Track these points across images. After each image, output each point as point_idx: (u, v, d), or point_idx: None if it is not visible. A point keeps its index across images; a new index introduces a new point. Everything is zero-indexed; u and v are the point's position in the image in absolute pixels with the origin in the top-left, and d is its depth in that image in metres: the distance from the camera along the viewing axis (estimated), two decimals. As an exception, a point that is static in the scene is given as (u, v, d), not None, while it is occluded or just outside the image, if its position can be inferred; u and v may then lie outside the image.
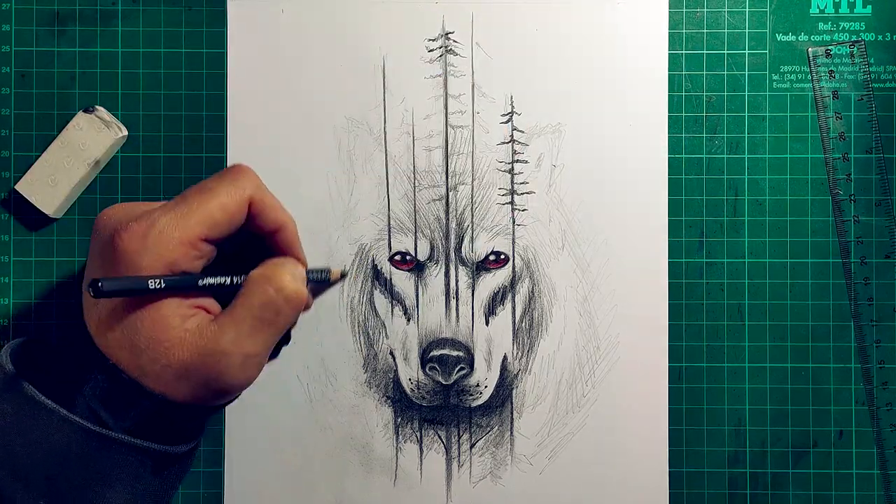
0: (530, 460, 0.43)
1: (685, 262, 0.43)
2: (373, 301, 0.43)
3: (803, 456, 0.43)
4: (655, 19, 0.43)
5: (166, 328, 0.32)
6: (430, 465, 0.43)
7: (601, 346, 0.43)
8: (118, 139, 0.42)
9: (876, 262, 0.43)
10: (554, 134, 0.43)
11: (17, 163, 0.43)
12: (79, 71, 0.43)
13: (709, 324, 0.43)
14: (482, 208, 0.43)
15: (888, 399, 0.43)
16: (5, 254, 0.43)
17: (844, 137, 0.43)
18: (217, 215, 0.33)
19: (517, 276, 0.43)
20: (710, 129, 0.43)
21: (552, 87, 0.43)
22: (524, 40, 0.43)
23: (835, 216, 0.43)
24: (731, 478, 0.43)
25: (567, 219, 0.43)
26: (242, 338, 0.32)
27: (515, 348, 0.43)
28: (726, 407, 0.43)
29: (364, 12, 0.43)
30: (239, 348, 0.32)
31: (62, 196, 0.42)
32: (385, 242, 0.43)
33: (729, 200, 0.43)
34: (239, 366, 0.33)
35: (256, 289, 0.33)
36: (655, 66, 0.43)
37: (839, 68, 0.43)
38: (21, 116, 0.43)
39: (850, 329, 0.43)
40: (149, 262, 0.31)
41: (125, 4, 0.43)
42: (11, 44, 0.43)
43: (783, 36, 0.44)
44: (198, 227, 0.32)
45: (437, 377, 0.43)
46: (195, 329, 0.32)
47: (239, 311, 0.33)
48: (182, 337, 0.32)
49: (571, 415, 0.43)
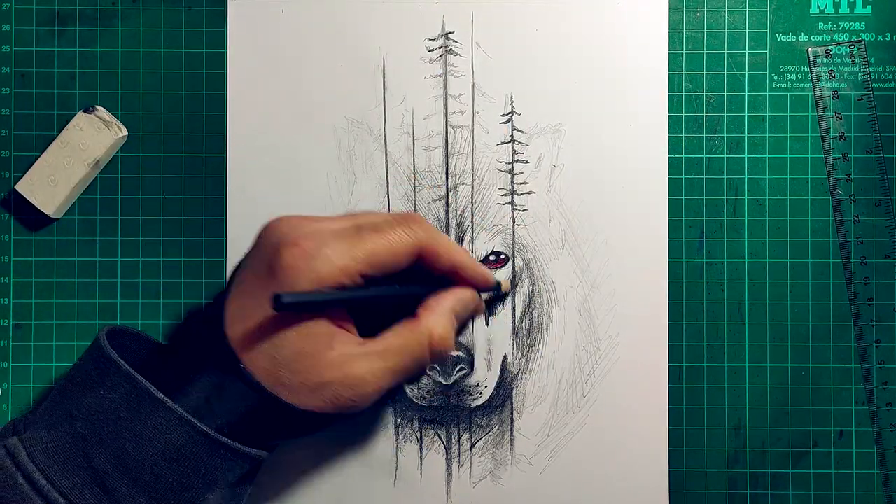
0: (530, 460, 0.43)
1: (685, 262, 0.43)
2: (373, 301, 0.43)
3: (803, 456, 0.43)
4: (655, 19, 0.43)
5: (315, 345, 0.33)
6: (430, 466, 0.43)
7: (601, 346, 0.43)
8: (118, 139, 0.42)
9: (876, 262, 0.43)
10: (554, 134, 0.43)
11: (17, 163, 0.43)
12: (79, 71, 0.43)
13: (709, 324, 0.43)
14: (482, 208, 0.43)
15: (888, 399, 0.43)
16: (5, 254, 0.43)
17: (844, 137, 0.43)
18: (383, 257, 0.34)
19: (517, 276, 0.43)
20: (710, 129, 0.43)
21: (552, 87, 0.43)
22: (524, 40, 0.43)
23: (835, 216, 0.43)
24: (731, 478, 0.43)
25: (567, 219, 0.43)
26: (384, 372, 0.34)
27: (515, 348, 0.43)
28: (726, 407, 0.43)
29: (364, 12, 0.43)
30: (377, 380, 0.34)
31: (62, 196, 0.42)
32: (385, 242, 0.43)
33: (729, 200, 0.43)
34: (369, 394, 0.34)
35: (416, 336, 0.35)
36: (655, 66, 0.43)
37: (839, 68, 0.43)
38: (21, 116, 0.43)
39: (850, 329, 0.43)
40: (310, 284, 0.32)
41: (125, 4, 0.43)
42: (11, 44, 0.43)
43: (783, 36, 0.44)
44: (362, 264, 0.33)
45: (436, 377, 0.43)
46: (341, 349, 0.33)
47: (391, 348, 0.34)
48: (328, 356, 0.33)
49: (571, 415, 0.43)
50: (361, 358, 0.33)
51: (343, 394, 0.33)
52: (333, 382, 0.33)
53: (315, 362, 0.33)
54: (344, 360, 0.33)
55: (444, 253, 0.36)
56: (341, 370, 0.33)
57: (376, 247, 0.34)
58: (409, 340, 0.35)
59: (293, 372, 0.32)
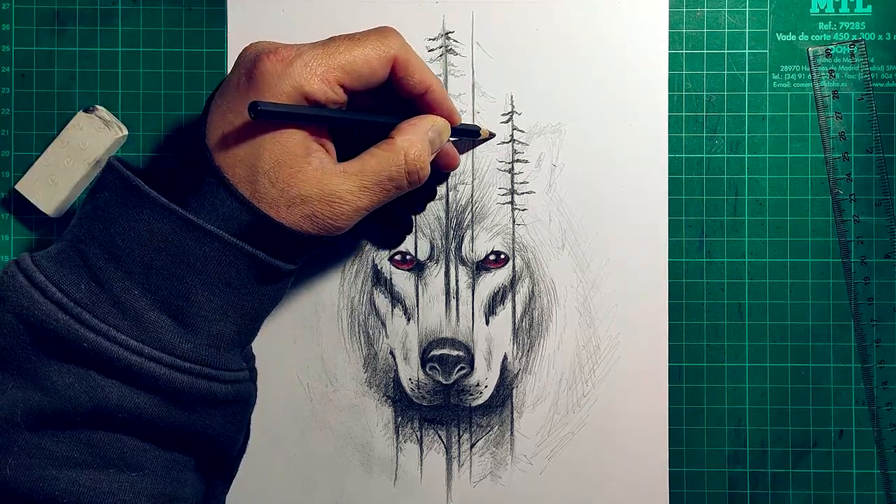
0: (530, 460, 0.43)
1: (685, 262, 0.43)
2: (373, 301, 0.43)
3: (803, 456, 0.43)
4: (655, 19, 0.43)
5: (293, 156, 0.33)
6: (430, 465, 0.43)
7: (601, 346, 0.43)
8: (118, 139, 0.42)
9: (876, 261, 0.43)
10: (554, 134, 0.43)
11: (17, 163, 0.43)
12: (79, 70, 0.43)
13: (709, 324, 0.43)
14: (482, 208, 0.43)
15: (888, 399, 0.43)
16: (5, 254, 0.43)
17: (844, 137, 0.43)
18: (360, 64, 0.34)
19: (517, 275, 0.43)
20: (710, 128, 0.43)
21: (552, 87, 0.43)
22: (524, 40, 0.43)
23: (835, 216, 0.43)
24: (731, 478, 0.43)
25: (567, 219, 0.43)
26: (361, 191, 0.35)
27: (515, 348, 0.43)
28: (726, 407, 0.43)
29: (364, 12, 0.43)
30: (354, 199, 0.34)
31: (62, 196, 0.42)
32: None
33: (729, 200, 0.43)
34: (347, 213, 0.34)
35: (391, 155, 0.35)
36: (655, 66, 0.43)
37: (839, 68, 0.43)
38: (21, 116, 0.43)
39: (850, 329, 0.43)
40: (288, 89, 0.33)
41: (125, 4, 0.43)
42: (11, 43, 0.43)
43: (783, 36, 0.44)
44: (340, 70, 0.34)
45: (437, 377, 0.43)
46: (318, 166, 0.34)
47: (367, 167, 0.35)
48: (305, 170, 0.34)
49: (571, 415, 0.43)
50: (339, 175, 0.34)
51: (321, 211, 0.34)
52: (311, 198, 0.33)
53: (293, 174, 0.33)
54: (321, 176, 0.34)
55: (417, 68, 0.36)
56: (318, 185, 0.34)
57: (353, 56, 0.34)
58: (384, 160, 0.35)
59: (272, 182, 0.33)
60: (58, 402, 0.31)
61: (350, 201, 0.34)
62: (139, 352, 0.31)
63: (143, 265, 0.32)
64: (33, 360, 0.31)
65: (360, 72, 0.35)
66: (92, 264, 0.32)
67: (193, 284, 0.32)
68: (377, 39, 0.35)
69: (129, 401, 0.31)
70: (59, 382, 0.31)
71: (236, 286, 0.33)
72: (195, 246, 0.32)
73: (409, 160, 0.35)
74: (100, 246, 0.32)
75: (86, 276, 0.32)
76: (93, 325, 0.31)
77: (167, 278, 0.32)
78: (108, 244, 0.32)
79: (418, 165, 0.36)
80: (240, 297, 0.33)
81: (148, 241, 0.32)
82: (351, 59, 0.34)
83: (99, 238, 0.32)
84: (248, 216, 0.33)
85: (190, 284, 0.32)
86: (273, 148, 0.33)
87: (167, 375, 0.31)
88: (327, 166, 0.34)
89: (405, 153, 0.35)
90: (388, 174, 0.35)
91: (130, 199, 0.32)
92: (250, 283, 0.34)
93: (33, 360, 0.31)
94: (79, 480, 0.31)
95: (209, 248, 0.32)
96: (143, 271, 0.32)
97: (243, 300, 0.34)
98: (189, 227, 0.32)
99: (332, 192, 0.34)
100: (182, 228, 0.32)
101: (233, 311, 0.33)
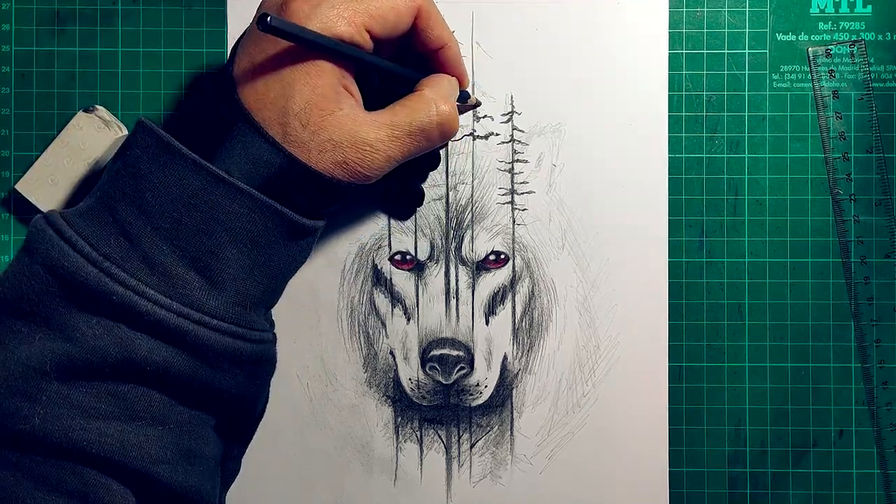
0: (530, 460, 0.43)
1: (685, 262, 0.43)
2: (373, 300, 0.43)
3: (803, 456, 0.43)
4: (655, 19, 0.43)
5: (323, 98, 0.33)
6: (430, 465, 0.43)
7: (601, 346, 0.43)
8: (118, 139, 0.42)
9: (876, 261, 0.43)
10: (554, 134, 0.43)
11: (17, 163, 0.43)
12: (79, 71, 0.43)
13: (709, 324, 0.43)
14: (482, 208, 0.43)
15: (888, 399, 0.43)
16: (5, 253, 0.43)
17: (844, 137, 0.43)
18: (386, 9, 0.34)
19: (517, 275, 0.43)
20: (710, 128, 0.43)
21: (552, 87, 0.43)
22: (524, 40, 0.43)
23: (835, 216, 0.43)
24: (731, 478, 0.43)
25: (567, 219, 0.43)
26: (392, 140, 0.35)
27: (515, 348, 0.43)
28: (726, 407, 0.43)
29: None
30: (385, 148, 0.34)
31: (62, 196, 0.42)
32: (385, 242, 0.43)
33: (729, 200, 0.43)
34: (379, 162, 0.34)
35: (423, 106, 0.35)
36: (655, 66, 0.43)
37: (839, 68, 0.43)
38: (21, 116, 0.43)
39: (850, 329, 0.43)
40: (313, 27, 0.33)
41: (125, 4, 0.43)
42: (11, 44, 0.43)
43: (783, 36, 0.44)
44: (366, 15, 0.34)
45: (437, 377, 0.43)
46: (349, 112, 0.34)
47: (399, 117, 0.35)
48: (336, 114, 0.33)
49: (571, 415, 0.43)
50: (370, 124, 0.34)
51: (352, 157, 0.34)
52: (343, 144, 0.33)
53: (323, 116, 0.33)
54: (352, 122, 0.34)
55: (438, 22, 0.37)
56: (350, 131, 0.33)
57: (380, 1, 0.34)
58: (415, 111, 0.35)
59: (302, 124, 0.33)
60: (87, 353, 0.31)
61: (381, 150, 0.34)
62: (168, 307, 0.31)
63: (173, 221, 0.32)
64: (62, 312, 0.31)
65: (386, 17, 0.34)
66: (121, 220, 0.32)
67: (222, 241, 0.32)
68: None
69: (157, 355, 0.31)
70: (88, 334, 0.31)
71: (264, 245, 0.33)
72: (226, 202, 0.32)
73: (441, 112, 0.36)
74: (130, 202, 0.32)
75: (115, 232, 0.32)
76: (122, 280, 0.31)
77: (196, 234, 0.32)
78: (137, 200, 0.32)
79: (450, 122, 0.36)
80: (266, 257, 0.34)
81: (178, 196, 0.32)
82: (378, 5, 0.34)
83: (129, 194, 0.32)
84: (278, 159, 0.33)
85: (219, 241, 0.32)
86: (303, 90, 0.33)
87: (195, 331, 0.32)
88: (358, 113, 0.34)
89: (437, 105, 0.36)
90: (419, 125, 0.35)
91: (161, 155, 0.32)
92: (277, 242, 0.34)
93: (62, 312, 0.31)
94: (106, 431, 0.31)
95: (239, 204, 0.32)
96: (172, 227, 0.32)
97: (269, 259, 0.34)
98: (220, 183, 0.32)
99: (363, 139, 0.34)
100: (213, 185, 0.32)
101: (259, 271, 0.33)
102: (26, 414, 0.30)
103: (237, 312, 0.33)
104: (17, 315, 0.31)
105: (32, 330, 0.31)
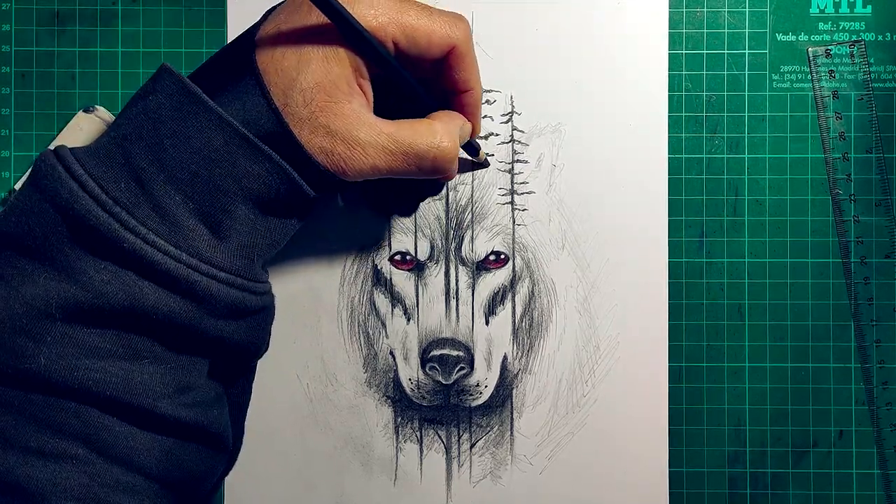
0: (530, 460, 0.43)
1: (685, 262, 0.43)
2: (373, 301, 0.43)
3: (803, 456, 0.43)
4: (655, 19, 0.43)
5: (334, 86, 0.33)
6: (430, 465, 0.43)
7: (601, 346, 0.43)
8: (118, 139, 0.42)
9: (876, 262, 0.43)
10: (554, 134, 0.43)
11: (17, 163, 0.43)
12: (79, 71, 0.43)
13: (709, 324, 0.43)
14: (482, 208, 0.43)
15: (888, 399, 0.43)
16: (5, 254, 0.43)
17: (844, 137, 0.43)
18: (421, 32, 0.34)
19: (517, 275, 0.43)
20: (710, 129, 0.43)
21: (552, 87, 0.43)
22: (524, 40, 0.43)
23: (835, 216, 0.43)
24: (731, 478, 0.43)
25: (567, 219, 0.43)
26: (385, 152, 0.34)
27: (515, 348, 0.43)
28: (726, 407, 0.43)
29: (364, 12, 0.43)
30: (375, 156, 0.34)
31: (62, 196, 0.42)
32: (385, 242, 0.43)
33: (729, 200, 0.43)
34: (363, 166, 0.34)
35: (428, 135, 0.35)
36: (655, 66, 0.43)
37: (839, 68, 0.43)
38: (21, 116, 0.43)
39: (850, 329, 0.43)
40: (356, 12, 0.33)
41: (125, 4, 0.43)
42: (11, 44, 0.43)
43: (783, 36, 0.44)
44: (399, 28, 0.34)
45: (437, 377, 0.43)
46: (356, 109, 0.34)
47: (401, 134, 0.35)
48: (342, 105, 0.33)
49: (571, 415, 0.43)
50: (371, 127, 0.34)
51: (340, 151, 0.34)
52: (336, 134, 0.33)
53: (328, 101, 0.33)
54: (356, 119, 0.34)
55: (470, 67, 0.37)
56: (349, 127, 0.34)
57: (419, 22, 0.34)
58: (419, 135, 0.35)
59: (305, 101, 0.33)
60: (94, 297, 0.31)
61: (371, 156, 0.34)
62: (177, 258, 0.31)
63: (190, 174, 0.32)
64: (68, 253, 0.31)
65: (417, 39, 0.34)
66: (135, 164, 0.32)
67: (236, 199, 0.32)
68: (448, 21, 0.35)
69: (164, 304, 0.31)
70: (95, 278, 0.31)
71: (273, 207, 0.34)
72: (246, 163, 0.32)
73: (442, 147, 0.36)
74: (146, 147, 0.32)
75: (126, 175, 0.32)
76: (132, 227, 0.31)
77: (211, 191, 0.32)
78: (155, 146, 0.32)
79: (447, 156, 0.36)
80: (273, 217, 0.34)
81: (199, 149, 0.32)
82: (416, 24, 0.34)
83: (146, 139, 0.32)
84: (270, 125, 0.33)
85: (233, 199, 0.32)
86: (317, 70, 0.33)
87: (204, 283, 0.32)
88: (364, 113, 0.34)
89: (441, 139, 0.36)
90: (417, 149, 0.35)
91: (186, 105, 0.32)
92: (285, 206, 0.34)
93: (68, 253, 0.31)
94: (111, 370, 0.31)
95: (259, 166, 0.32)
96: (188, 179, 0.32)
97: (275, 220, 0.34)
98: (244, 142, 0.32)
99: (357, 138, 0.34)
100: (236, 143, 0.32)
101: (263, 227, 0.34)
102: (31, 353, 0.30)
103: (243, 265, 0.33)
104: (20, 251, 0.31)
105: (36, 268, 0.31)
